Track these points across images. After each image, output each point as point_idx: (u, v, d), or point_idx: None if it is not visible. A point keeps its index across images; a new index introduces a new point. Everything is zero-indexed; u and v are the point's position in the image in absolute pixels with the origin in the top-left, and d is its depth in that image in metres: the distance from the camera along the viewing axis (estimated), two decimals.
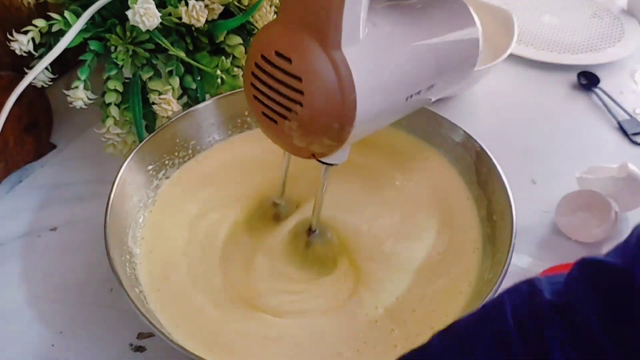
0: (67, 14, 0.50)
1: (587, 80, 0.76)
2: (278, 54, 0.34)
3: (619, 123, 0.69)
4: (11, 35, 0.50)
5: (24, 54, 0.50)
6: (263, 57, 0.35)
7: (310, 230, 0.48)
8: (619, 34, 0.83)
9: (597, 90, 0.74)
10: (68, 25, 0.49)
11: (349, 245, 0.49)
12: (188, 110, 0.53)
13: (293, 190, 0.50)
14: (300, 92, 0.34)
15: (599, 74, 0.76)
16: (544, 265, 0.47)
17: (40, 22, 0.50)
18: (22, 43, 0.49)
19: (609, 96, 0.73)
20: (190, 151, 0.55)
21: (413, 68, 0.38)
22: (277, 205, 0.51)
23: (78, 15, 0.50)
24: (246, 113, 0.58)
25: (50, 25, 0.50)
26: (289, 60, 0.34)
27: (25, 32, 0.50)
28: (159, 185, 0.52)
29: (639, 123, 0.69)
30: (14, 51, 0.50)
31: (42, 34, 0.51)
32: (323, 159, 0.39)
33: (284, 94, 0.35)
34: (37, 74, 0.50)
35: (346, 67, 0.34)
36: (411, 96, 0.39)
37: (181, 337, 0.41)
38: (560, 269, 0.46)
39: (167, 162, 0.53)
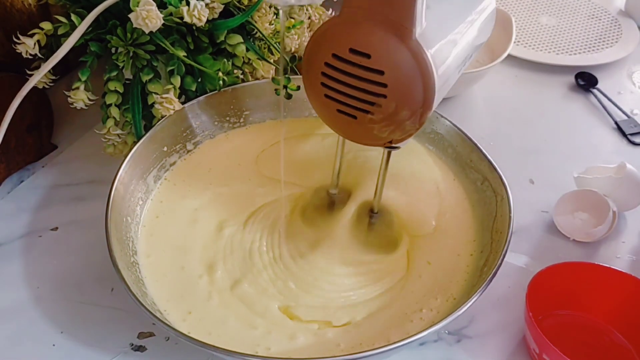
0: (73, 17, 0.50)
1: (585, 81, 0.76)
2: (354, 50, 0.35)
3: (616, 123, 0.70)
4: (14, 36, 0.50)
5: (30, 57, 0.50)
6: (335, 55, 0.36)
7: (372, 212, 0.50)
8: (616, 35, 0.84)
9: (595, 91, 0.74)
10: (74, 28, 0.50)
11: (406, 223, 0.50)
12: (184, 106, 0.54)
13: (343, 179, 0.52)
14: (384, 85, 0.35)
15: (596, 74, 0.76)
16: (542, 264, 0.48)
17: (46, 25, 0.50)
18: (28, 46, 0.50)
19: (606, 97, 0.73)
20: (188, 147, 0.56)
21: (462, 41, 0.40)
22: (332, 195, 0.52)
23: (82, 17, 0.50)
24: (243, 109, 0.58)
25: (56, 28, 0.50)
26: (367, 55, 0.35)
27: (31, 35, 0.50)
28: (159, 183, 0.53)
29: (637, 123, 0.70)
30: (14, 52, 0.50)
31: (47, 37, 0.51)
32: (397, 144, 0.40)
33: (364, 89, 0.36)
34: (42, 75, 0.51)
35: (424, 55, 0.34)
36: (460, 70, 0.41)
37: (186, 331, 0.41)
38: (558, 269, 0.46)
39: (166, 159, 0.54)
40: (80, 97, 0.52)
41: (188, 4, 0.51)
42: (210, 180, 0.54)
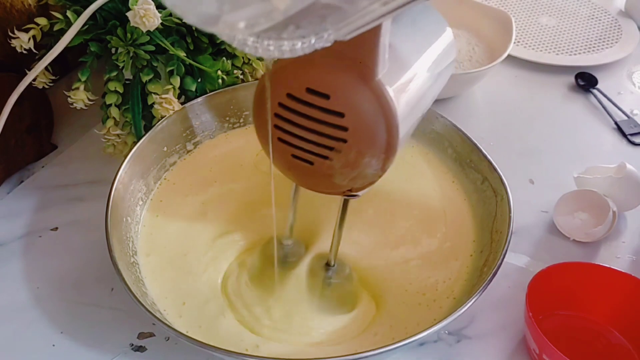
0: (69, 13, 0.50)
1: (585, 81, 0.76)
2: (311, 90, 0.32)
3: (616, 123, 0.70)
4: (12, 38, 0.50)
5: (24, 52, 0.50)
6: (290, 95, 0.33)
7: (327, 266, 0.46)
8: (616, 35, 0.84)
9: (594, 91, 0.74)
10: (69, 25, 0.50)
11: (367, 278, 0.47)
12: (184, 107, 0.54)
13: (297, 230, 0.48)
14: (344, 129, 0.32)
15: (596, 75, 0.76)
16: (542, 264, 0.48)
17: (42, 21, 0.50)
18: (22, 41, 0.49)
19: (606, 97, 0.73)
20: (188, 148, 0.56)
21: (426, 81, 0.38)
22: (285, 246, 0.48)
23: (79, 15, 0.50)
24: (243, 110, 0.58)
25: (52, 25, 0.50)
26: (326, 96, 0.32)
27: (27, 31, 0.50)
28: (159, 183, 0.53)
29: (637, 123, 0.70)
30: (15, 52, 0.50)
31: (43, 34, 0.51)
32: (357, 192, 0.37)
33: (322, 133, 0.33)
34: (38, 73, 0.51)
35: (387, 95, 0.32)
36: (422, 112, 0.38)
37: (184, 330, 0.41)
38: (558, 269, 0.46)
39: (166, 159, 0.54)
40: (80, 97, 0.52)
41: None
42: (210, 181, 0.54)
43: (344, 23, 0.26)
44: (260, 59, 0.57)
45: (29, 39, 0.50)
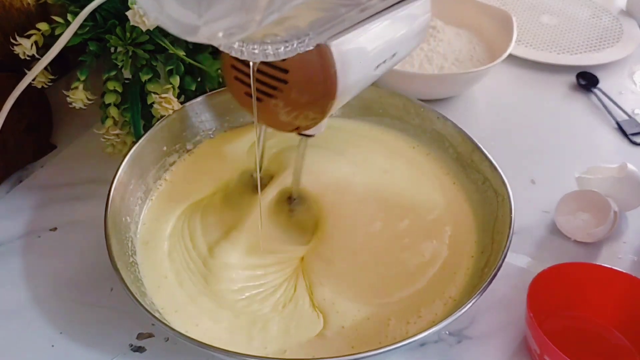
0: (69, 16, 0.50)
1: (586, 81, 0.76)
2: None
3: (618, 123, 0.70)
4: (12, 36, 0.50)
5: (28, 58, 0.50)
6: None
7: (290, 199, 0.50)
8: (618, 34, 0.84)
9: (596, 91, 0.74)
10: None
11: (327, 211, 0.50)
12: (183, 106, 0.54)
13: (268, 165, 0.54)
14: (285, 71, 0.37)
15: (598, 74, 0.76)
16: (543, 265, 0.47)
17: (43, 26, 0.50)
18: (25, 47, 0.49)
19: (608, 97, 0.73)
20: (188, 147, 0.55)
21: (376, 36, 0.40)
22: (254, 178, 0.53)
23: None
24: (242, 109, 0.58)
25: (53, 29, 0.50)
26: None
27: (28, 36, 0.50)
28: (158, 183, 0.53)
29: (638, 123, 0.69)
30: (13, 52, 0.50)
31: (44, 37, 0.51)
32: (306, 132, 0.42)
33: (268, 74, 0.37)
34: (36, 74, 0.51)
35: (325, 45, 0.35)
36: (378, 66, 0.41)
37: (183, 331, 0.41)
38: (559, 269, 0.46)
39: (165, 159, 0.53)
40: (79, 96, 0.52)
41: None
42: (210, 180, 0.54)
43: (323, 28, 0.28)
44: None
45: (32, 45, 0.50)
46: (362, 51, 0.39)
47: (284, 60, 0.36)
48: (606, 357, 0.45)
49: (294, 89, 0.37)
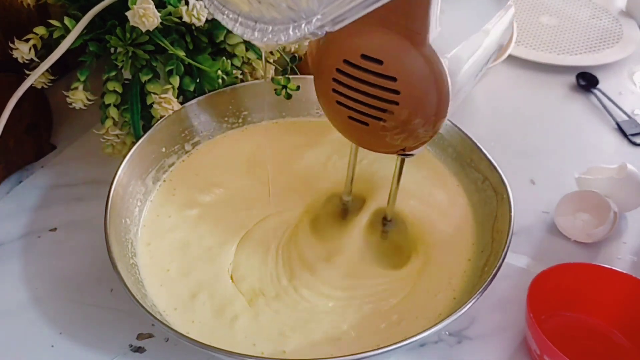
0: (66, 20, 0.50)
1: (586, 81, 0.76)
2: (366, 56, 0.34)
3: (617, 124, 0.70)
4: (11, 37, 0.50)
5: (26, 62, 0.50)
6: (347, 61, 0.35)
7: (385, 220, 0.49)
8: (617, 35, 0.84)
9: (595, 91, 0.74)
10: (68, 31, 0.50)
11: (421, 234, 0.50)
12: (183, 107, 0.54)
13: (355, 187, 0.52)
14: (396, 92, 0.35)
15: (597, 75, 0.76)
16: (543, 265, 0.47)
17: (41, 30, 0.50)
18: (23, 52, 0.50)
19: (607, 97, 0.73)
20: (187, 148, 0.55)
21: (480, 47, 0.39)
22: (345, 202, 0.52)
23: (78, 19, 0.50)
24: (242, 110, 0.58)
25: (51, 32, 0.50)
26: (379, 61, 0.34)
27: (27, 40, 0.50)
28: (157, 184, 0.53)
29: (638, 124, 0.69)
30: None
31: (42, 40, 0.51)
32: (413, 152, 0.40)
33: (376, 96, 0.35)
34: (37, 77, 0.51)
35: (438, 61, 0.34)
36: (477, 76, 0.40)
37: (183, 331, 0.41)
38: (559, 270, 0.46)
39: (164, 160, 0.53)
40: (79, 97, 0.52)
41: (187, 3, 0.50)
42: (209, 182, 0.53)
43: (332, 7, 0.28)
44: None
45: (30, 49, 0.50)
46: (469, 64, 0.38)
47: (395, 80, 0.34)
48: (606, 357, 0.45)
49: (405, 110, 0.35)
